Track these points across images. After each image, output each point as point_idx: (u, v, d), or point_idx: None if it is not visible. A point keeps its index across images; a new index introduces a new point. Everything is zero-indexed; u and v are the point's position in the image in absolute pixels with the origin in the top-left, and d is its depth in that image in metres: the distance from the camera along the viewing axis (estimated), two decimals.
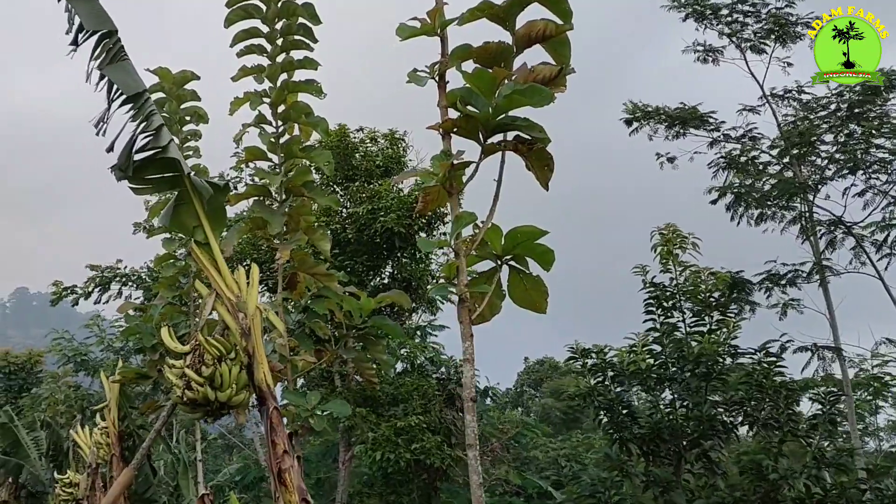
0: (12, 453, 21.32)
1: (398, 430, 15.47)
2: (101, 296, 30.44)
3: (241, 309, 6.18)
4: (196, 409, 6.08)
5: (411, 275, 18.29)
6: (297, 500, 5.88)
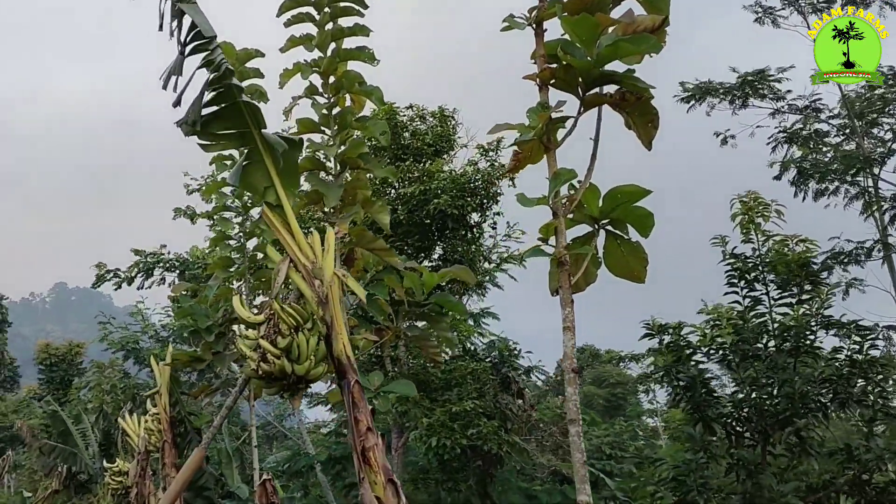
0: (61, 442, 21.17)
1: (453, 415, 15.01)
2: (144, 281, 30.31)
3: (318, 275, 5.72)
4: (271, 384, 5.64)
5: (462, 256, 17.79)
6: (383, 480, 5.42)
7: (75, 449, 20.96)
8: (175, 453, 13.89)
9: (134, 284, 30.41)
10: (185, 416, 13.92)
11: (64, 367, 39.90)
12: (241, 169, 5.78)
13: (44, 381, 40.41)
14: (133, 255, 30.52)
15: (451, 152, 19.06)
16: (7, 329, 50.49)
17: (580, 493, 5.36)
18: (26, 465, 32.61)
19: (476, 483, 15.60)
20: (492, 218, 18.51)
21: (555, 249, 5.67)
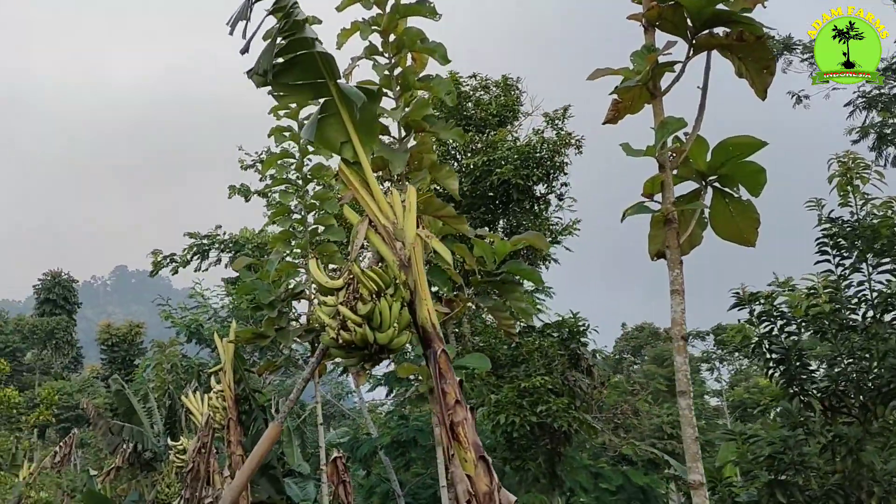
0: (126, 420, 21.23)
1: (522, 391, 14.57)
2: (201, 263, 30.35)
3: (399, 237, 5.30)
4: (351, 354, 5.24)
5: (527, 229, 17.28)
6: (474, 457, 5.00)
7: (140, 427, 20.98)
8: (240, 430, 13.69)
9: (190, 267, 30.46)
10: (249, 394, 13.69)
11: (125, 347, 40.38)
12: (316, 123, 5.36)
13: (106, 361, 40.98)
14: (188, 238, 30.60)
15: (515, 122, 18.54)
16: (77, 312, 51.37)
17: (692, 473, 4.90)
18: (92, 444, 33.00)
19: (544, 461, 15.14)
20: (558, 189, 17.96)
21: (661, 206, 5.18)
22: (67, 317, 48.72)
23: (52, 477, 25.66)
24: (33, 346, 46.63)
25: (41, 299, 49.25)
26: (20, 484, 20.71)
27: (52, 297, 48.72)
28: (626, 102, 5.40)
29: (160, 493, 20.93)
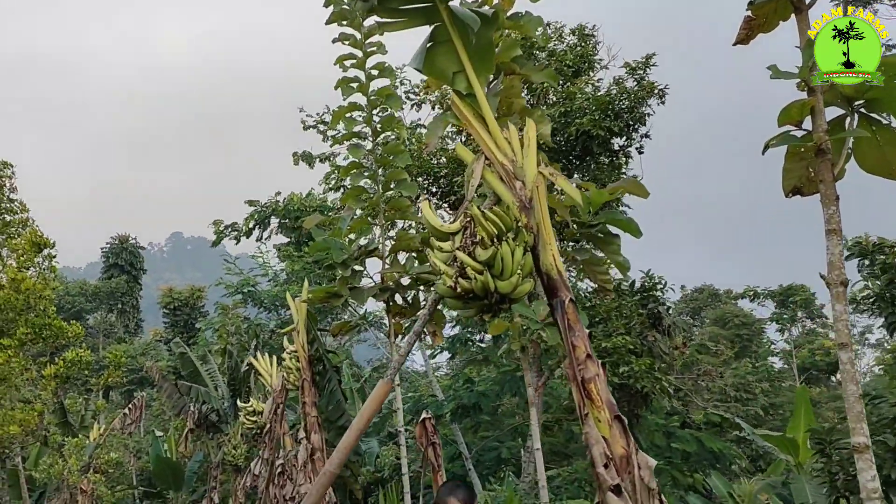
0: (192, 382, 21.17)
1: (601, 352, 14.07)
2: (262, 232, 30.21)
3: (519, 176, 4.81)
4: (469, 304, 4.77)
5: (604, 185, 16.62)
6: (608, 417, 4.53)
7: (205, 389, 20.92)
8: (315, 392, 13.41)
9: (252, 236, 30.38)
10: (323, 354, 13.43)
11: (187, 311, 40.60)
12: (425, 52, 4.87)
13: (168, 325, 41.26)
14: (248, 206, 30.44)
15: (591, 73, 17.79)
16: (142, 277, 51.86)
17: (857, 434, 4.37)
18: (155, 406, 33.32)
19: None
20: (638, 141, 17.19)
21: (813, 134, 4.61)
22: (133, 281, 49.13)
23: (121, 438, 25.87)
24: (97, 310, 47.19)
25: (108, 264, 49.69)
26: (91, 445, 20.82)
27: (120, 262, 49.09)
28: (759, 20, 4.83)
29: (227, 454, 20.89)
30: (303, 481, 12.73)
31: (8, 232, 14.16)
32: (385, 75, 10.50)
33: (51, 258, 14.47)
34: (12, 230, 14.19)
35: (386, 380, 5.08)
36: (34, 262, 14.18)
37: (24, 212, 14.43)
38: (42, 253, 14.25)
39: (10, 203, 14.29)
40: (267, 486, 15.24)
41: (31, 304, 13.92)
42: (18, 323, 13.99)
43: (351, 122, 11.35)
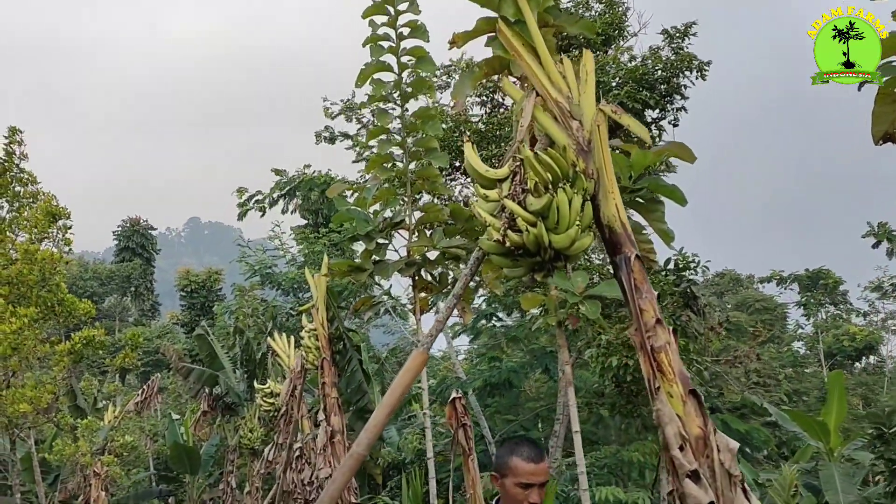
0: (208, 365, 20.69)
1: None
2: (288, 204, 29.73)
3: (576, 114, 4.18)
4: (519, 261, 4.15)
5: None
6: (681, 392, 3.91)
7: (221, 372, 20.44)
8: (334, 372, 12.81)
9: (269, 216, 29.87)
10: (343, 333, 12.82)
11: (204, 293, 40.19)
12: None
13: (185, 308, 40.88)
14: (274, 175, 29.94)
15: (621, 41, 17.06)
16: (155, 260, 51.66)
17: None
18: (171, 389, 32.95)
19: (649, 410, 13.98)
20: (673, 114, 16.44)
21: None
22: (146, 264, 48.94)
23: (136, 421, 25.49)
24: (112, 293, 46.94)
25: (121, 247, 49.50)
26: (105, 428, 20.39)
27: (132, 245, 48.89)
28: None
29: (243, 437, 20.45)
30: (322, 465, 12.18)
31: (19, 202, 13.64)
32: (417, 35, 9.87)
33: (66, 229, 13.95)
34: (23, 201, 13.66)
35: (421, 349, 4.48)
36: (48, 233, 13.68)
37: (34, 183, 13.90)
38: (57, 224, 13.73)
39: (21, 172, 13.76)
40: (284, 471, 14.72)
41: (45, 277, 13.42)
42: (31, 298, 13.49)
43: (379, 86, 10.69)
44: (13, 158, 13.67)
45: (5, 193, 13.69)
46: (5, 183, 13.45)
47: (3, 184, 13.38)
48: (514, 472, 3.87)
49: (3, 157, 13.60)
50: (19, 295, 13.72)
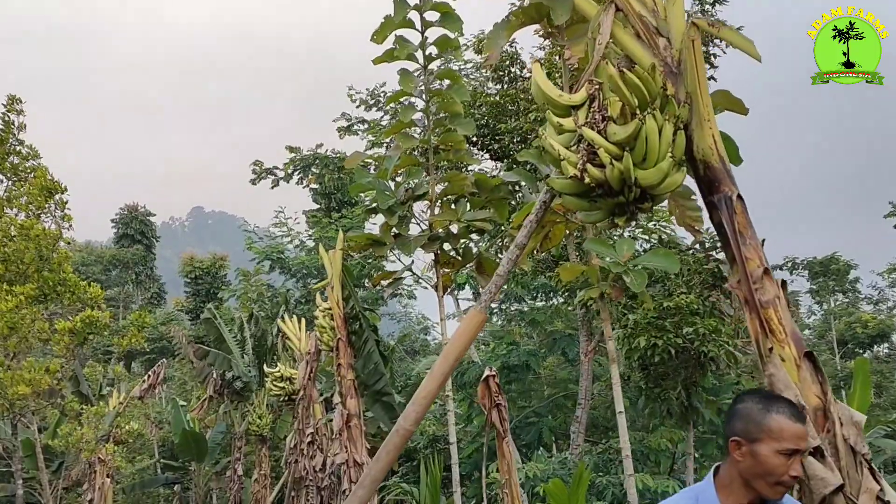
0: (216, 349, 20.12)
1: (662, 311, 12.82)
2: (302, 179, 29.21)
3: (662, 31, 3.56)
4: (598, 202, 3.54)
5: None
6: (795, 355, 3.29)
7: (230, 356, 19.86)
8: (351, 352, 12.22)
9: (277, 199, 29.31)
10: (359, 312, 12.21)
11: (209, 279, 39.62)
12: None
13: (190, 294, 40.31)
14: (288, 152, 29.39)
15: None
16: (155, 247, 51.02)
17: None
18: (177, 377, 32.41)
19: (685, 389, 13.37)
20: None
21: None
22: (146, 250, 48.28)
23: (141, 407, 24.97)
24: (116, 280, 46.34)
25: (119, 234, 48.81)
26: (111, 414, 19.84)
27: (130, 231, 48.17)
28: None
29: (252, 423, 19.90)
30: (339, 450, 11.61)
31: (18, 175, 13.01)
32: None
33: (63, 205, 13.30)
34: (22, 174, 13.04)
35: (479, 308, 3.88)
36: (45, 208, 13.03)
37: (35, 157, 13.28)
38: (54, 198, 13.10)
39: (20, 145, 13.13)
40: (296, 458, 14.19)
41: (45, 255, 12.81)
42: (30, 276, 12.89)
43: (404, 46, 10.00)
44: (11, 128, 13.04)
45: (2, 166, 13.08)
46: (1, 154, 12.83)
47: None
48: (775, 436, 2.80)
49: (0, 126, 12.99)
50: (17, 273, 13.13)
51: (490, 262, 11.34)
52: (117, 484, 21.02)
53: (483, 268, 11.15)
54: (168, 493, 27.17)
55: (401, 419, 3.76)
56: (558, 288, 15.62)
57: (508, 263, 4.01)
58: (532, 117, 13.95)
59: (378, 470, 3.76)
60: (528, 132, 14.19)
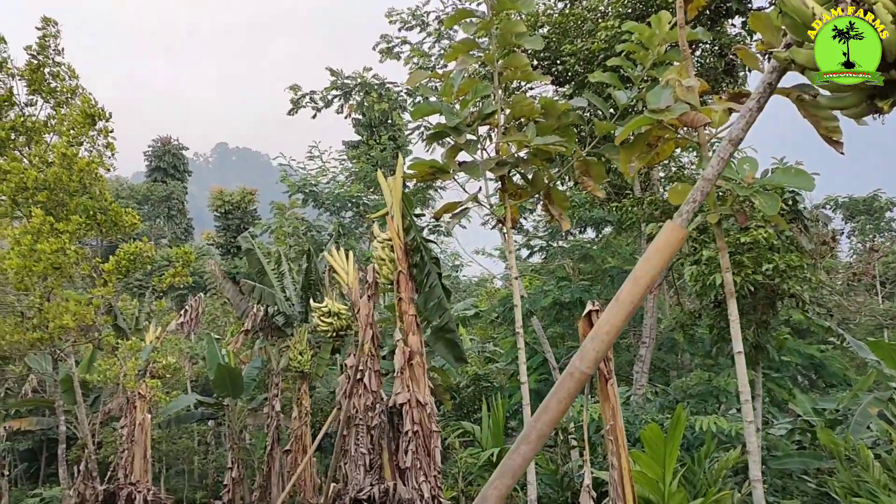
0: (259, 283, 19.51)
1: (738, 246, 12.01)
2: (343, 106, 28.29)
3: None
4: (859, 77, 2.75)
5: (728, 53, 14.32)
6: None
7: (270, 290, 19.26)
8: (412, 286, 11.57)
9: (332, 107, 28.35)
10: (421, 243, 11.50)
11: (238, 214, 39.08)
12: None
13: (220, 228, 39.83)
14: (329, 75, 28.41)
15: None
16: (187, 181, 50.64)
17: None
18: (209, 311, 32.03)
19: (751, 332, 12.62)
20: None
21: None
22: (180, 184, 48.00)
23: (176, 342, 24.60)
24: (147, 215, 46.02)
25: (152, 167, 48.43)
26: (147, 348, 19.43)
27: (163, 164, 47.79)
28: None
29: (293, 359, 19.39)
30: (400, 389, 11.01)
31: (56, 99, 12.30)
32: None
33: (107, 132, 12.60)
34: (60, 98, 12.33)
35: (678, 222, 3.13)
36: (88, 135, 12.35)
37: (73, 78, 12.55)
38: (96, 126, 12.40)
39: (57, 67, 12.39)
40: (349, 396, 13.63)
41: (86, 186, 12.16)
42: (70, 206, 12.25)
43: None
44: (47, 52, 12.30)
45: (40, 90, 12.35)
46: (39, 79, 12.10)
47: (37, 79, 12.02)
48: None
49: (36, 50, 12.24)
50: (57, 203, 12.51)
51: (559, 192, 10.58)
52: (153, 419, 20.69)
53: (552, 197, 10.40)
54: (203, 428, 26.98)
55: (576, 360, 3.04)
56: (624, 220, 14.80)
57: (719, 164, 3.25)
58: (601, 36, 12.98)
59: (546, 422, 3.06)
60: (596, 53, 13.24)
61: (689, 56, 7.61)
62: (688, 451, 12.43)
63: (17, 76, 12.27)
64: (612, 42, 12.76)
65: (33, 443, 25.63)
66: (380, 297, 14.74)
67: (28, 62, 12.53)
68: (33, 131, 12.44)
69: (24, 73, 12.36)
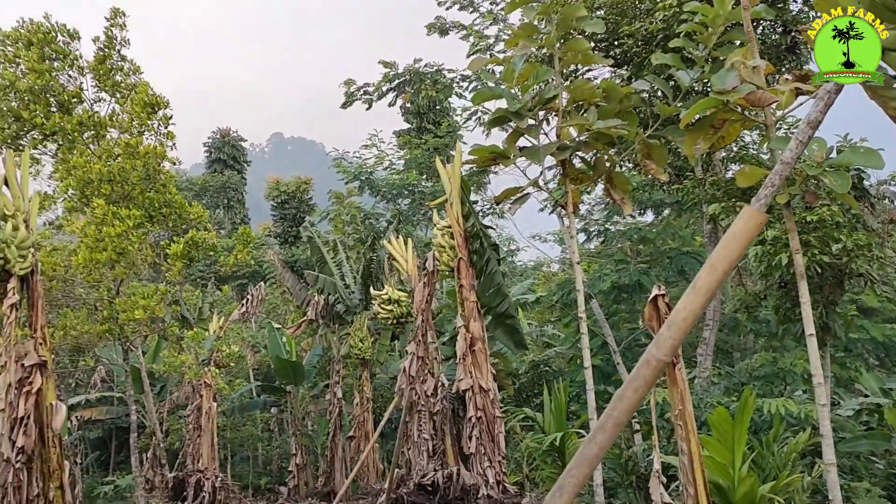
0: (319, 271, 19.71)
1: (804, 225, 11.78)
2: (397, 97, 28.38)
3: None
4: None
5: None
6: None
7: (333, 279, 19.44)
8: (472, 273, 11.60)
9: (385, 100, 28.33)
10: (480, 230, 11.52)
11: (295, 203, 39.34)
12: None
13: (277, 219, 40.16)
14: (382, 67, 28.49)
15: None
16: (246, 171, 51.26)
17: None
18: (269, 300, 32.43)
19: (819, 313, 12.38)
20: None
21: None
22: (238, 175, 48.57)
23: (238, 331, 24.98)
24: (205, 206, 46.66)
25: (212, 158, 49.05)
26: (210, 338, 19.76)
27: (223, 156, 48.38)
28: None
29: (353, 347, 19.56)
30: (462, 375, 11.06)
31: (120, 92, 12.47)
32: None
33: (167, 120, 12.75)
34: (124, 92, 12.50)
35: (757, 207, 3.09)
36: (148, 125, 12.50)
37: (137, 73, 12.72)
38: (157, 115, 12.55)
39: (122, 61, 12.56)
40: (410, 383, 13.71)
41: (150, 175, 12.32)
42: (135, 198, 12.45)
43: None
44: (114, 44, 12.47)
45: (105, 84, 12.55)
46: (104, 71, 12.28)
47: (102, 72, 12.20)
48: None
49: (103, 41, 12.41)
50: (122, 195, 12.72)
51: (621, 175, 10.50)
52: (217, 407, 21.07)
53: (614, 181, 10.33)
54: (266, 415, 27.35)
55: (653, 347, 3.03)
56: (685, 202, 14.60)
57: (798, 147, 3.21)
58: (659, 16, 12.79)
59: (622, 411, 3.05)
60: (654, 34, 13.05)
61: (753, 37, 7.48)
62: (755, 434, 12.26)
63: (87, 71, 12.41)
64: (670, 22, 12.57)
65: (103, 431, 26.21)
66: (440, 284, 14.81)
67: (95, 54, 12.71)
68: (100, 126, 12.62)
69: (92, 66, 12.53)
